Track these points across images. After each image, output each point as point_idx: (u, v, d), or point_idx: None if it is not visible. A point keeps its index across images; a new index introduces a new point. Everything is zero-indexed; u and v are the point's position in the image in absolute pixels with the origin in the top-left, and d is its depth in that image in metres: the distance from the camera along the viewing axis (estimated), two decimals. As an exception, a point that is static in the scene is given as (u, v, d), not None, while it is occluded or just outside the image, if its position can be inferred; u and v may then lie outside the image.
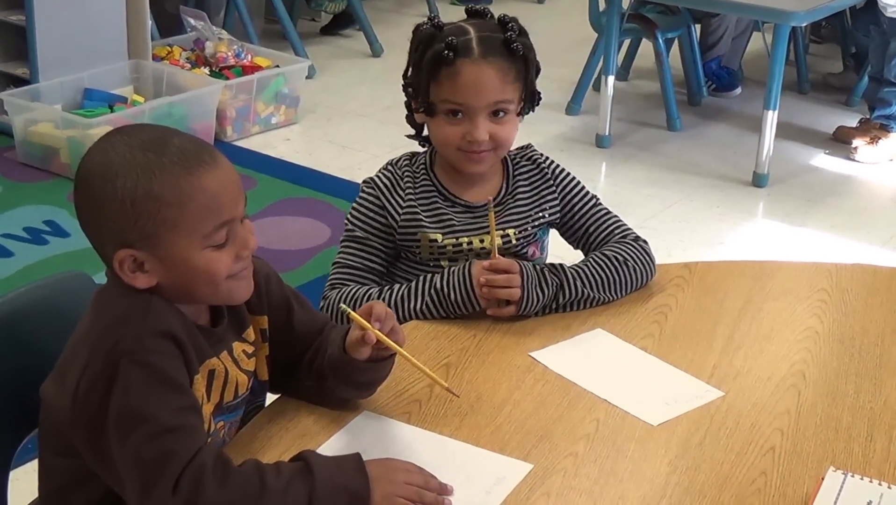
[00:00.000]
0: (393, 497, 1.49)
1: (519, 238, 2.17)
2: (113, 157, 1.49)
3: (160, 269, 1.51)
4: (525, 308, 2.00)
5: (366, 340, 1.66)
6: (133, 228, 1.48)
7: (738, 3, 5.04)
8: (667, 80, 5.54)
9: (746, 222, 4.67)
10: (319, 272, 3.88)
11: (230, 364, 1.63)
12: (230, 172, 1.54)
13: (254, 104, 5.21)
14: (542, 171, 2.22)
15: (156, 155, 1.49)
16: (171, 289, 1.53)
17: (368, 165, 4.84)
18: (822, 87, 6.22)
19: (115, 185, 1.47)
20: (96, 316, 1.55)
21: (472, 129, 2.07)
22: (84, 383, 1.47)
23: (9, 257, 3.93)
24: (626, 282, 2.11)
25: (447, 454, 1.64)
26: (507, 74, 2.07)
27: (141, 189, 1.47)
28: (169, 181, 1.48)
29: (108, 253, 1.52)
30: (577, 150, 5.21)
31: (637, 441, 1.70)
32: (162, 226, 1.48)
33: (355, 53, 6.56)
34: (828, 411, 1.79)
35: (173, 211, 1.48)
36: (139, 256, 1.50)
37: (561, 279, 2.04)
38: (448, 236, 2.13)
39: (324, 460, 1.51)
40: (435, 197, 2.15)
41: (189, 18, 5.51)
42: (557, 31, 6.51)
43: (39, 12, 4.78)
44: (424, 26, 2.12)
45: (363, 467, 1.50)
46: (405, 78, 2.16)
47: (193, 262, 1.51)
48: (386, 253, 2.14)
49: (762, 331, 2.03)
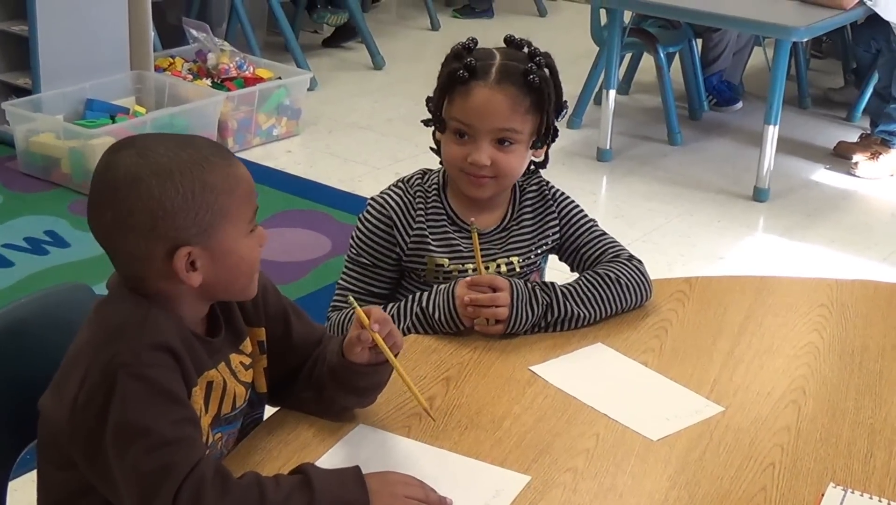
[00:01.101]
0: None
1: (523, 266, 2.17)
2: (158, 158, 1.51)
3: (209, 265, 1.54)
4: (514, 326, 1.99)
5: (362, 338, 1.67)
6: (194, 223, 1.51)
7: (739, 18, 5.04)
8: (668, 95, 5.55)
9: (747, 237, 4.67)
10: (320, 284, 3.88)
11: (228, 376, 1.63)
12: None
13: (255, 116, 5.22)
14: (545, 198, 2.22)
15: (195, 151, 1.53)
16: (211, 286, 1.55)
17: (370, 178, 4.86)
18: (823, 102, 6.23)
19: (174, 181, 1.49)
20: (94, 328, 1.55)
21: (474, 151, 2.07)
22: (82, 396, 1.47)
23: (9, 267, 3.93)
24: (617, 300, 2.09)
25: (445, 467, 1.64)
26: (518, 104, 2.06)
27: (198, 181, 1.51)
28: (218, 172, 1.53)
29: (155, 258, 1.51)
30: (579, 164, 5.22)
31: (637, 456, 1.70)
32: (218, 215, 1.52)
33: (357, 66, 6.57)
34: (828, 427, 1.79)
35: (226, 199, 1.53)
36: (194, 253, 1.52)
37: (551, 297, 2.03)
38: (454, 262, 2.13)
39: (323, 473, 1.51)
40: (444, 221, 2.15)
41: (191, 30, 5.52)
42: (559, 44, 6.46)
43: (42, 23, 4.79)
44: (459, 45, 2.12)
45: (363, 480, 1.50)
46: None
47: (240, 250, 1.56)
48: (390, 277, 2.15)
49: (762, 346, 2.03)
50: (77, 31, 4.92)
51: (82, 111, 4.86)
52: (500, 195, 2.17)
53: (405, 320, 2.02)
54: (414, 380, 1.80)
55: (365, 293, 2.12)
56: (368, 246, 2.13)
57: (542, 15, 8.10)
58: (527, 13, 8.04)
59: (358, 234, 2.15)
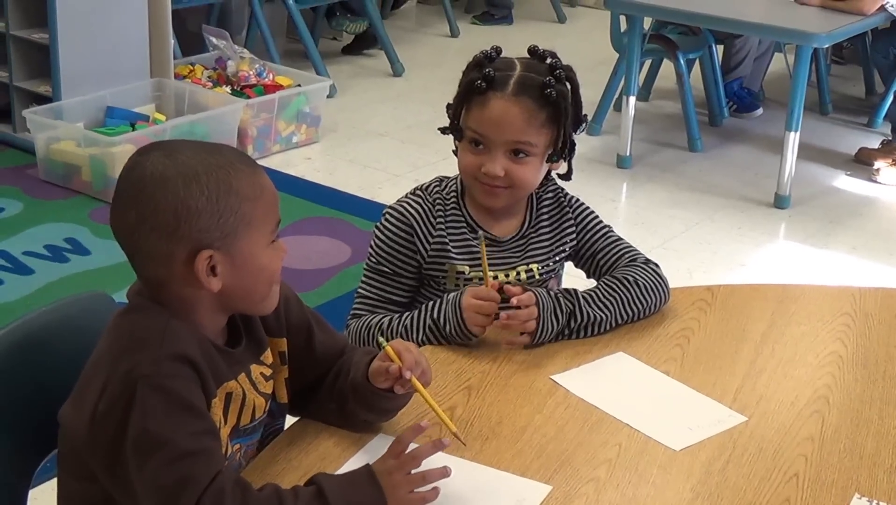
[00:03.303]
0: (407, 498, 1.51)
1: (542, 273, 2.17)
2: (185, 161, 1.51)
3: (228, 271, 1.53)
4: (541, 336, 1.99)
5: (390, 371, 1.66)
6: (216, 226, 1.51)
7: (760, 24, 5.03)
8: (688, 101, 5.53)
9: (768, 244, 4.65)
10: (340, 291, 3.88)
11: (248, 387, 1.63)
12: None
13: (275, 123, 5.22)
14: (562, 205, 2.22)
15: (222, 157, 1.54)
16: (230, 294, 1.55)
17: (389, 185, 4.85)
18: (844, 108, 6.21)
19: (200, 183, 1.49)
20: (113, 339, 1.55)
21: (487, 161, 2.07)
22: (102, 407, 1.47)
23: (29, 275, 3.94)
24: (637, 303, 2.09)
25: (466, 477, 1.63)
26: (534, 117, 2.06)
27: (224, 185, 1.51)
28: (244, 178, 1.53)
29: (176, 260, 1.51)
30: (599, 171, 5.21)
31: (659, 466, 1.69)
32: (241, 221, 1.52)
33: (376, 73, 6.58)
34: (852, 437, 1.78)
35: (250, 206, 1.53)
36: (215, 257, 1.51)
37: (574, 304, 2.03)
38: (475, 269, 2.12)
39: (336, 481, 1.51)
40: (464, 228, 2.15)
41: (211, 37, 5.53)
42: (579, 51, 6.51)
43: (63, 31, 4.80)
44: (481, 53, 2.12)
45: (375, 480, 1.50)
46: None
47: (260, 259, 1.56)
48: (410, 285, 2.14)
49: (785, 355, 2.02)
50: (97, 39, 4.93)
51: (102, 119, 4.88)
52: (517, 204, 2.17)
53: (420, 333, 2.02)
54: (435, 390, 1.80)
55: (384, 301, 2.12)
56: (388, 255, 2.13)
57: (562, 21, 8.09)
58: (546, 19, 8.04)
59: (377, 242, 2.14)
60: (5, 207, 4.49)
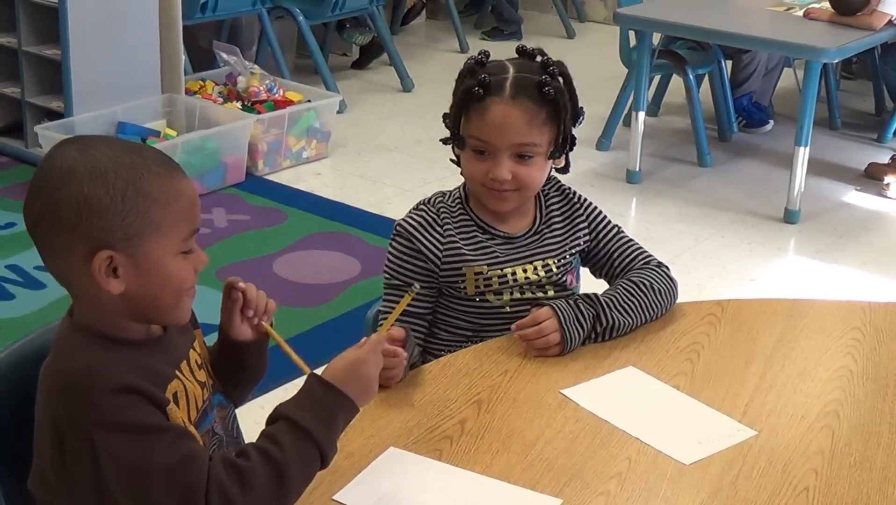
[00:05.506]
0: (370, 386, 1.58)
1: (559, 267, 2.18)
2: (97, 157, 1.48)
3: (132, 275, 1.50)
4: (570, 345, 2.01)
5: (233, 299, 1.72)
6: (119, 227, 1.47)
7: (769, 39, 5.04)
8: (697, 116, 5.54)
9: (778, 259, 4.64)
10: (349, 306, 3.88)
11: (187, 377, 1.60)
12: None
13: (285, 138, 5.24)
14: (570, 200, 2.24)
15: (139, 158, 1.51)
16: (134, 300, 1.51)
17: (399, 200, 4.86)
18: (853, 123, 6.21)
19: (107, 181, 1.47)
20: (47, 394, 1.51)
21: (494, 167, 2.08)
22: (69, 463, 1.46)
23: (41, 289, 3.95)
24: (654, 307, 2.13)
25: (477, 490, 1.63)
26: (535, 118, 2.07)
27: (132, 186, 1.48)
28: (157, 181, 1.50)
29: (76, 257, 1.48)
30: (608, 186, 5.21)
31: (669, 480, 1.69)
32: (148, 225, 1.49)
33: (386, 88, 6.60)
34: (862, 452, 1.78)
35: (159, 211, 1.50)
36: (116, 259, 1.48)
37: (597, 309, 2.05)
38: (493, 267, 2.13)
39: (301, 407, 1.53)
40: (474, 230, 2.16)
41: (222, 53, 5.55)
42: (588, 66, 6.52)
43: (74, 47, 4.83)
44: (472, 60, 2.13)
45: (332, 387, 1.54)
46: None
47: (167, 267, 1.52)
48: (426, 296, 2.15)
49: (795, 369, 2.02)
50: (109, 55, 4.96)
51: (114, 134, 4.89)
52: (525, 204, 2.18)
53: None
54: (445, 402, 1.82)
55: (403, 314, 2.12)
56: (399, 269, 2.14)
57: (571, 37, 8.11)
58: (555, 35, 8.06)
59: (388, 258, 2.17)
60: (17, 222, 4.50)
